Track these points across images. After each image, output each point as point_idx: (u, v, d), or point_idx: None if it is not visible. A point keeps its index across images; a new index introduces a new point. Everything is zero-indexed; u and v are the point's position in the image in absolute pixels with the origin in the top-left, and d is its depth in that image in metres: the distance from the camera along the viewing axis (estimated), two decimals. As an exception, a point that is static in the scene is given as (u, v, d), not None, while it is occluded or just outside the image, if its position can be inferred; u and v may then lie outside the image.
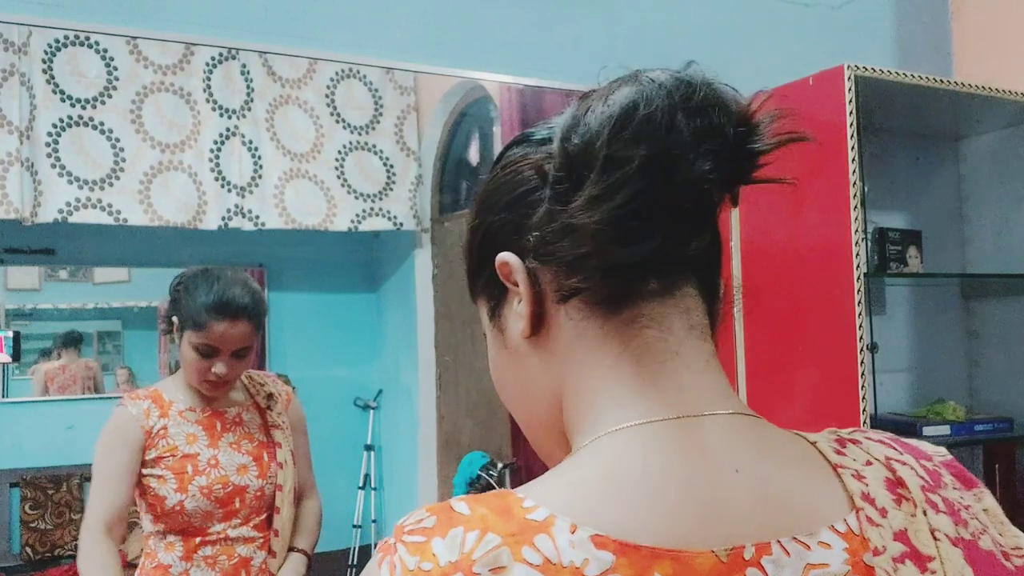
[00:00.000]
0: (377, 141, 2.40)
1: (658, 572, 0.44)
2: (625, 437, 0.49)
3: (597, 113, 0.50)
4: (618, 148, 0.48)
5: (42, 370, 2.97)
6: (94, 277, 3.04)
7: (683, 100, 0.50)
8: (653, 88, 0.50)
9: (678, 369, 0.51)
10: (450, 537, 0.45)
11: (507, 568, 0.44)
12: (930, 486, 0.52)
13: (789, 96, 2.04)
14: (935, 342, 2.56)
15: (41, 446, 2.83)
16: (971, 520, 0.52)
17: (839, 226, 1.89)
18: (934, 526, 0.50)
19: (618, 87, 0.52)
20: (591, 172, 0.49)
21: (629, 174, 0.48)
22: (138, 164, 1.99)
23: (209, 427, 1.67)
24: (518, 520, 0.46)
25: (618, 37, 2.26)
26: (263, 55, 2.12)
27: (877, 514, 0.49)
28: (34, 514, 2.74)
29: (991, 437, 2.30)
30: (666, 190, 0.48)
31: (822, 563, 0.47)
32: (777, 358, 2.08)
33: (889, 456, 0.53)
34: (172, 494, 1.59)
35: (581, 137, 0.50)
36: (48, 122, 1.87)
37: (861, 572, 0.47)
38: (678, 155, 0.48)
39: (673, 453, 0.48)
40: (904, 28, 2.69)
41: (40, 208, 1.88)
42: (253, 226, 2.16)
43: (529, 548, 0.44)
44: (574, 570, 0.44)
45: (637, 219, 0.48)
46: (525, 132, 0.59)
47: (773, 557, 0.46)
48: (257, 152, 2.17)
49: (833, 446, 0.53)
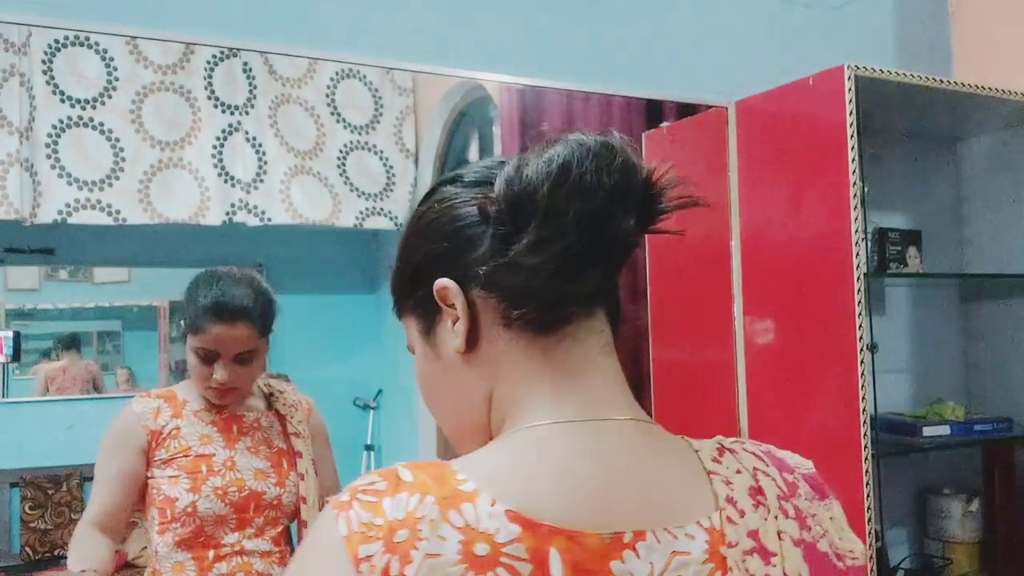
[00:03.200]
0: (377, 141, 2.40)
1: (554, 546, 0.55)
2: (543, 432, 0.60)
3: (536, 168, 0.60)
4: (557, 201, 0.58)
5: (43, 371, 2.97)
6: (94, 277, 3.04)
7: (608, 162, 0.59)
8: (583, 151, 0.60)
9: (590, 381, 0.62)
10: (398, 499, 0.55)
11: (438, 523, 0.54)
12: (785, 495, 0.63)
13: (789, 96, 2.04)
14: (935, 342, 2.56)
15: (41, 446, 2.83)
16: (815, 526, 0.63)
17: (839, 226, 1.89)
18: (781, 529, 0.61)
19: (551, 147, 0.61)
20: (532, 219, 0.59)
21: (567, 224, 0.58)
22: (138, 164, 1.99)
23: (225, 429, 1.60)
24: (451, 488, 0.56)
25: (618, 37, 2.26)
26: (264, 54, 2.12)
27: (737, 515, 0.60)
28: (34, 514, 2.74)
29: (991, 437, 2.30)
30: (599, 238, 0.59)
31: (685, 551, 0.57)
32: (777, 358, 2.08)
33: (756, 467, 0.64)
34: (184, 494, 1.51)
35: (523, 187, 0.60)
36: (48, 123, 1.86)
37: (717, 561, 0.57)
38: (607, 210, 0.59)
39: (578, 451, 0.59)
40: (904, 28, 2.69)
41: (40, 209, 1.88)
42: (258, 221, 2.15)
43: (455, 512, 0.55)
44: (487, 536, 0.54)
45: (578, 261, 0.59)
46: (456, 173, 0.69)
47: (647, 543, 0.57)
48: (261, 148, 2.17)
49: (712, 454, 0.64)
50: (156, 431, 1.55)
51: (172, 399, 1.60)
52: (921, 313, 2.56)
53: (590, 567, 0.55)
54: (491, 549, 0.54)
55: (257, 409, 1.67)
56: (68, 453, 2.83)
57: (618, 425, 0.61)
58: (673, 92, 2.32)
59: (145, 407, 1.58)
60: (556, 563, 0.54)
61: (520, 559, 0.54)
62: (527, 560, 0.54)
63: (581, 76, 2.20)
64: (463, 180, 0.67)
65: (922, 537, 2.47)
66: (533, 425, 0.61)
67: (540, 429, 0.60)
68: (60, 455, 2.83)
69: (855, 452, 1.85)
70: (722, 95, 2.21)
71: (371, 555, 0.53)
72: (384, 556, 0.53)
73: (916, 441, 2.18)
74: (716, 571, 0.57)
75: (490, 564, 0.53)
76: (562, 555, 0.55)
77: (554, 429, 0.60)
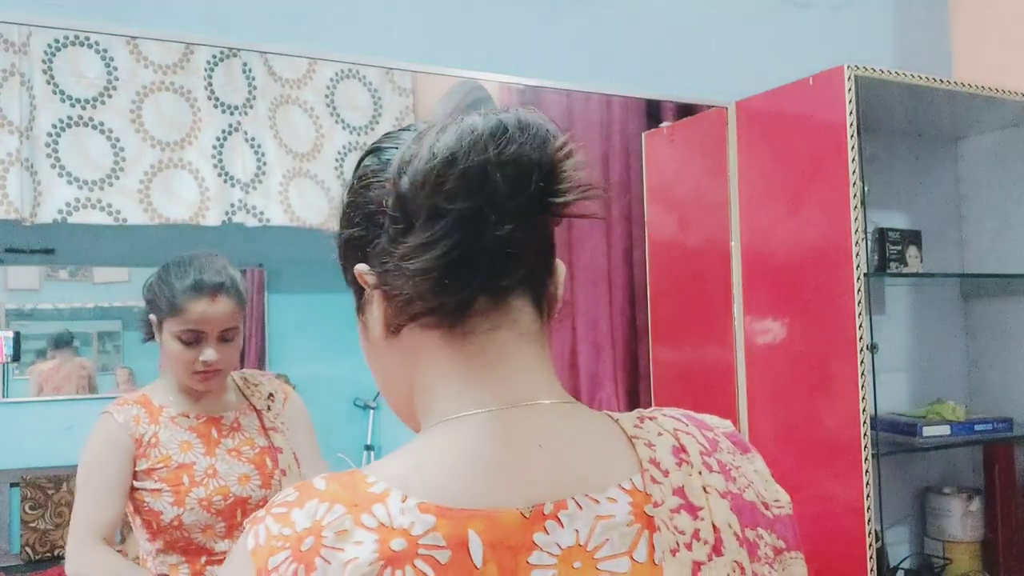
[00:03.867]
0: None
1: (472, 528, 0.55)
2: (454, 426, 0.60)
3: (423, 159, 0.57)
4: (439, 200, 0.56)
5: (37, 371, 2.97)
6: (94, 277, 3.04)
7: (496, 153, 0.57)
8: (471, 140, 0.57)
9: (504, 369, 0.61)
10: (307, 508, 0.56)
11: (349, 531, 0.54)
12: (707, 451, 0.64)
13: (789, 96, 2.04)
14: (935, 342, 2.57)
15: (41, 446, 2.82)
16: (739, 478, 0.64)
17: (839, 226, 1.89)
18: (706, 483, 0.61)
19: (442, 134, 0.58)
20: (417, 219, 0.58)
21: (446, 228, 0.56)
22: (138, 164, 1.98)
23: (204, 434, 1.57)
24: (361, 493, 0.57)
25: (618, 37, 2.26)
26: (264, 53, 2.12)
27: (660, 474, 0.60)
28: (34, 514, 2.74)
29: (991, 437, 2.30)
30: (478, 244, 0.57)
31: (609, 514, 0.57)
32: (777, 358, 2.08)
33: (677, 428, 0.65)
34: (168, 508, 1.50)
35: (411, 181, 0.58)
36: (48, 122, 1.86)
37: (643, 521, 0.58)
38: (488, 213, 0.56)
39: (489, 437, 0.59)
40: (904, 28, 2.69)
41: (40, 208, 1.88)
42: (257, 222, 2.15)
43: (367, 515, 0.55)
44: (403, 531, 0.54)
45: (453, 269, 0.57)
46: (379, 143, 0.67)
47: (568, 511, 0.57)
48: (260, 149, 2.17)
49: (633, 421, 0.64)
50: (139, 439, 1.53)
51: (147, 404, 1.57)
52: (921, 313, 2.56)
53: (512, 543, 0.55)
54: (407, 543, 0.54)
55: (234, 407, 1.64)
56: (68, 453, 2.82)
57: (534, 408, 0.61)
58: (673, 92, 2.32)
59: (126, 416, 1.54)
60: (476, 544, 0.55)
61: (438, 547, 0.54)
62: (444, 547, 0.54)
63: (581, 76, 2.20)
64: (381, 154, 0.65)
65: (922, 537, 2.48)
66: (447, 419, 0.61)
67: (452, 422, 0.61)
68: (60, 455, 2.82)
69: (855, 452, 1.85)
70: (722, 95, 2.21)
71: (278, 565, 0.54)
72: (291, 564, 0.54)
73: (916, 441, 2.19)
74: (643, 531, 0.58)
75: (408, 557, 0.54)
76: (481, 536, 0.55)
77: (466, 420, 0.60)
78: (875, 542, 1.86)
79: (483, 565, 0.54)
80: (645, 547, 0.57)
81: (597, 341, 2.40)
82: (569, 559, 0.56)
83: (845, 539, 1.87)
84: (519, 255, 0.59)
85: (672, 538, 0.58)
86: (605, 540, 0.57)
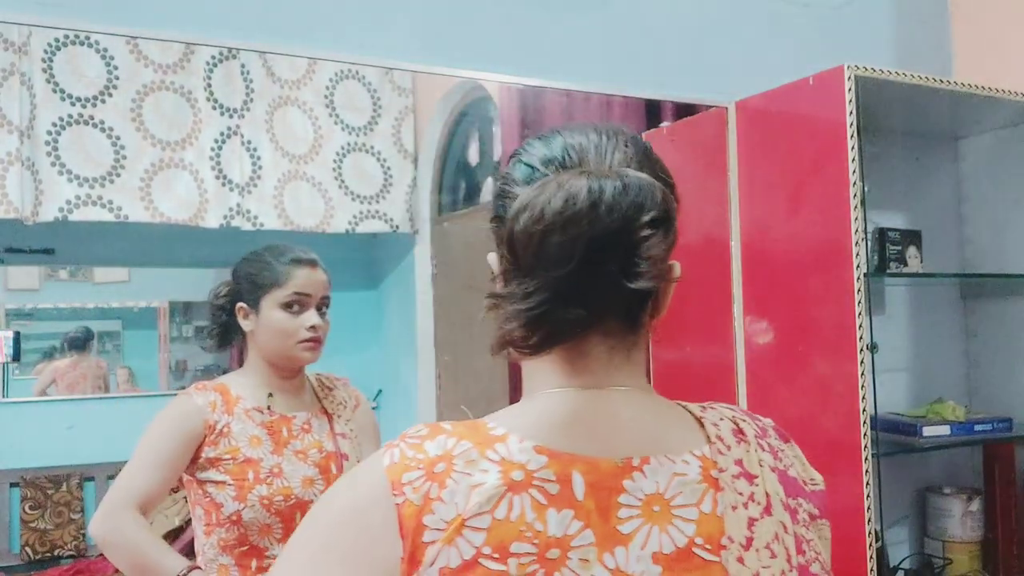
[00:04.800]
0: (375, 143, 2.40)
1: (575, 470, 0.67)
2: (552, 395, 0.73)
3: (533, 218, 0.66)
4: (537, 262, 0.66)
5: (51, 368, 2.97)
6: (94, 277, 3.04)
7: (589, 226, 0.65)
8: (573, 212, 0.65)
9: (593, 366, 0.73)
10: (438, 440, 0.69)
11: (476, 461, 0.67)
12: (761, 435, 0.77)
13: (789, 96, 2.04)
14: (935, 342, 2.56)
15: (41, 446, 2.82)
16: (784, 459, 0.78)
17: (839, 226, 1.89)
18: (760, 458, 0.74)
19: (558, 190, 0.66)
20: (520, 268, 0.67)
21: (538, 285, 0.66)
22: (139, 162, 1.99)
23: (275, 432, 1.58)
24: (483, 434, 0.69)
25: (618, 37, 2.26)
26: (263, 55, 2.12)
27: (724, 448, 0.73)
28: (34, 514, 2.74)
29: (991, 437, 2.30)
30: (563, 305, 0.66)
31: (683, 473, 0.70)
32: (777, 358, 2.08)
33: (735, 416, 0.78)
34: (230, 502, 1.50)
35: (520, 232, 0.67)
36: (48, 121, 1.87)
37: (709, 481, 0.71)
38: (574, 281, 0.66)
39: (582, 405, 0.72)
40: (904, 28, 2.69)
41: (40, 207, 1.88)
42: (252, 227, 2.16)
43: (491, 450, 0.68)
44: (520, 465, 0.67)
45: (538, 321, 0.66)
46: (522, 148, 0.77)
47: (651, 466, 0.70)
48: (256, 152, 2.17)
49: (699, 408, 0.78)
50: (212, 425, 1.54)
51: (226, 394, 1.59)
52: (921, 313, 2.56)
53: (607, 484, 0.68)
54: (525, 475, 0.66)
55: (308, 407, 1.66)
56: (68, 453, 2.83)
57: (617, 391, 0.73)
58: (673, 92, 2.32)
59: (204, 400, 1.56)
60: (579, 482, 0.67)
61: (549, 480, 0.66)
62: (554, 481, 0.67)
63: (581, 76, 2.20)
64: (516, 167, 0.76)
65: (922, 537, 2.47)
66: (546, 391, 0.73)
67: (549, 393, 0.73)
68: (60, 455, 2.82)
69: (855, 452, 1.85)
70: (722, 95, 2.21)
71: (412, 480, 0.66)
72: (425, 482, 0.66)
73: (916, 441, 2.18)
74: (709, 490, 0.70)
75: (525, 486, 0.66)
76: (583, 476, 0.67)
77: (563, 392, 0.72)
78: (875, 542, 1.86)
79: (584, 499, 0.67)
80: (710, 502, 0.70)
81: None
82: (651, 503, 0.68)
83: (845, 539, 1.87)
84: (601, 312, 0.69)
85: (733, 497, 0.70)
86: (679, 492, 0.69)
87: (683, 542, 0.68)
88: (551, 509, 0.66)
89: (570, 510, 0.66)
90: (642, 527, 0.67)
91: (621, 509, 0.67)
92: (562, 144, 0.74)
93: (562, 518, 0.66)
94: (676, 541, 0.68)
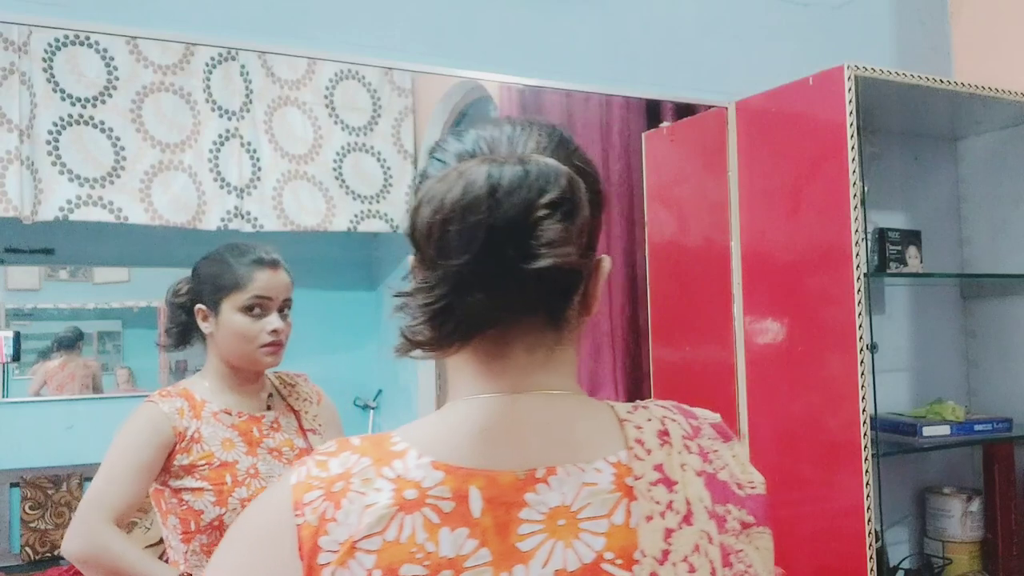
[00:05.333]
0: (375, 143, 2.40)
1: (473, 485, 0.64)
2: (468, 403, 0.70)
3: (433, 209, 0.64)
4: (437, 254, 0.64)
5: (42, 370, 2.97)
6: (94, 277, 3.04)
7: (488, 214, 0.62)
8: (472, 198, 0.63)
9: (506, 368, 0.70)
10: (342, 457, 0.67)
11: (371, 479, 0.65)
12: (689, 436, 0.72)
13: (789, 96, 2.04)
14: (934, 342, 2.57)
15: (41, 446, 2.82)
16: (716, 460, 0.72)
17: (839, 226, 1.89)
18: (684, 462, 0.69)
19: (457, 180, 0.64)
20: (422, 261, 0.65)
21: (438, 278, 0.64)
22: (139, 163, 1.99)
23: (246, 432, 1.56)
24: (385, 450, 0.67)
25: (618, 37, 2.26)
26: (262, 56, 2.12)
27: (644, 452, 0.69)
28: (34, 514, 2.74)
29: (991, 437, 2.30)
30: (463, 298, 0.64)
31: (593, 482, 0.66)
32: (777, 358, 2.08)
33: (665, 416, 0.73)
34: (210, 507, 1.48)
35: (421, 224, 0.65)
36: (48, 120, 1.87)
37: (623, 490, 0.66)
38: (474, 271, 0.63)
39: (494, 413, 0.69)
40: (904, 28, 2.69)
41: (40, 206, 1.88)
42: (252, 228, 2.16)
43: (388, 468, 0.65)
44: (416, 483, 0.64)
45: (440, 316, 0.64)
46: (438, 143, 0.74)
47: (558, 476, 0.66)
48: (256, 154, 2.17)
49: (628, 408, 0.73)
50: (181, 433, 1.50)
51: (191, 398, 1.55)
52: (921, 313, 2.56)
53: (506, 499, 0.64)
54: (419, 493, 0.64)
55: (273, 407, 1.63)
56: (68, 453, 2.82)
57: (533, 395, 0.70)
58: (673, 92, 2.32)
59: (171, 407, 1.52)
60: (476, 498, 0.64)
61: (444, 498, 0.64)
62: (450, 499, 0.64)
63: (581, 76, 2.20)
64: (431, 163, 0.73)
65: (922, 537, 2.48)
66: (461, 399, 0.71)
67: (466, 400, 0.70)
68: (60, 455, 2.82)
69: (855, 452, 1.85)
70: (722, 95, 2.21)
71: (312, 500, 0.65)
72: (323, 502, 0.64)
73: (916, 441, 2.19)
74: (622, 499, 0.66)
75: (417, 505, 0.63)
76: (481, 491, 0.64)
77: (478, 400, 0.70)
78: (875, 542, 1.86)
79: (480, 515, 0.64)
80: (623, 512, 0.66)
81: (597, 341, 2.40)
82: (555, 517, 0.65)
83: (845, 539, 1.87)
84: (513, 305, 0.66)
85: (648, 506, 0.66)
86: (588, 503, 0.65)
87: (590, 558, 0.64)
88: (444, 528, 0.63)
89: (465, 528, 0.63)
90: (544, 543, 0.64)
91: (522, 525, 0.64)
92: (474, 137, 0.71)
93: (456, 537, 0.63)
94: (582, 557, 0.64)
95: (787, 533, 2.05)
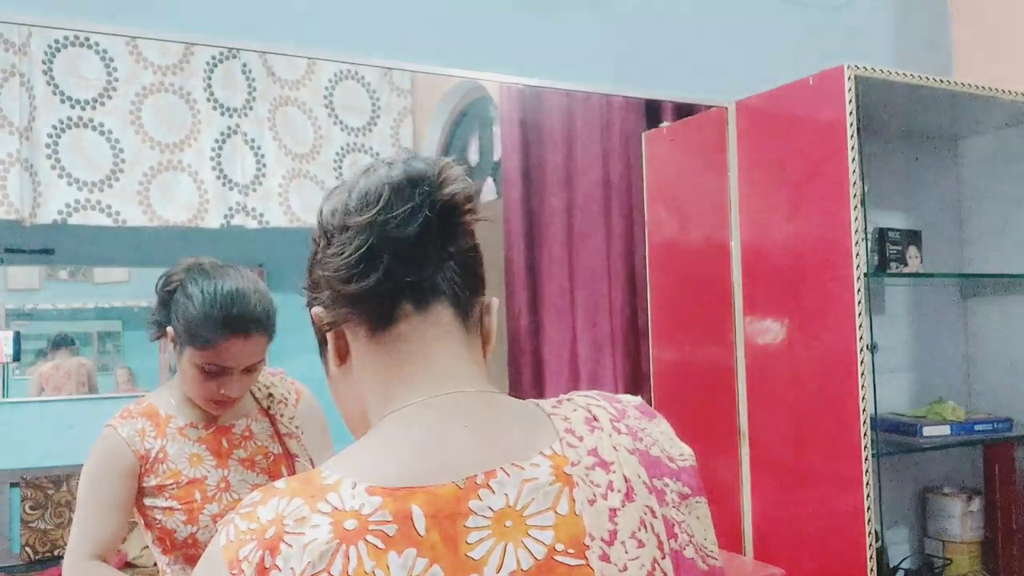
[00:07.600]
0: (373, 143, 2.40)
1: (414, 503, 0.63)
2: (393, 418, 0.70)
3: (341, 199, 0.71)
4: (347, 218, 0.69)
5: (37, 372, 2.97)
6: (94, 277, 3.04)
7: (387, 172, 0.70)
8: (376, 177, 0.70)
9: (432, 368, 0.71)
10: (270, 504, 0.64)
11: (306, 517, 0.62)
12: (616, 418, 0.73)
13: (789, 96, 2.04)
14: (935, 342, 2.56)
15: (41, 446, 2.82)
16: (645, 438, 0.73)
17: (839, 226, 1.89)
18: (615, 443, 0.70)
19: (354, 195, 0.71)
20: (333, 236, 0.70)
21: (352, 234, 0.69)
22: (137, 165, 1.99)
23: (214, 445, 1.48)
24: (316, 486, 0.65)
25: (618, 37, 2.26)
26: (263, 55, 2.12)
27: (576, 440, 0.69)
28: (34, 514, 2.74)
29: (991, 437, 2.30)
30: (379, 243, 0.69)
31: (533, 477, 0.66)
32: (777, 358, 2.08)
33: (589, 403, 0.74)
34: (182, 527, 1.43)
35: (328, 210, 0.72)
36: (48, 123, 1.87)
37: (563, 480, 0.67)
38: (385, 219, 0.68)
39: (418, 424, 0.69)
40: (904, 28, 2.69)
41: (39, 209, 1.88)
42: (257, 224, 2.16)
43: (322, 502, 0.63)
44: (354, 512, 0.62)
45: (361, 264, 0.68)
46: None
47: (498, 479, 0.65)
48: (260, 151, 2.17)
49: (552, 403, 0.74)
50: (144, 455, 1.45)
51: (154, 416, 1.48)
52: (921, 313, 2.56)
53: (450, 511, 0.64)
54: (359, 522, 0.62)
55: (245, 413, 1.54)
56: (68, 453, 2.82)
57: (460, 396, 0.71)
58: (673, 92, 2.32)
59: (130, 430, 1.45)
60: (419, 516, 0.63)
61: (386, 522, 0.62)
62: (391, 522, 0.62)
63: (581, 76, 2.20)
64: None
65: (922, 537, 2.48)
66: (383, 416, 0.71)
67: (392, 416, 0.70)
68: (60, 455, 2.82)
69: (855, 452, 1.85)
70: (722, 95, 2.21)
71: (247, 555, 0.62)
72: (257, 552, 0.62)
73: (916, 441, 2.19)
74: (564, 488, 0.66)
75: (359, 534, 0.62)
76: (423, 508, 0.63)
77: (402, 412, 0.70)
78: (875, 542, 1.86)
79: (426, 533, 0.63)
80: (566, 501, 0.66)
81: (597, 341, 2.40)
82: (502, 519, 0.64)
83: (845, 539, 1.87)
84: (423, 255, 0.70)
85: (589, 490, 0.67)
86: (531, 499, 0.65)
87: (542, 553, 0.64)
88: (391, 552, 0.61)
89: (412, 549, 0.62)
90: (496, 548, 0.63)
91: (470, 534, 0.63)
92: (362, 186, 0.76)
93: (405, 560, 0.61)
94: (535, 553, 0.64)
95: (787, 533, 2.06)
